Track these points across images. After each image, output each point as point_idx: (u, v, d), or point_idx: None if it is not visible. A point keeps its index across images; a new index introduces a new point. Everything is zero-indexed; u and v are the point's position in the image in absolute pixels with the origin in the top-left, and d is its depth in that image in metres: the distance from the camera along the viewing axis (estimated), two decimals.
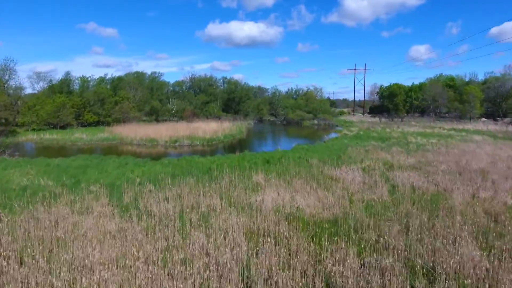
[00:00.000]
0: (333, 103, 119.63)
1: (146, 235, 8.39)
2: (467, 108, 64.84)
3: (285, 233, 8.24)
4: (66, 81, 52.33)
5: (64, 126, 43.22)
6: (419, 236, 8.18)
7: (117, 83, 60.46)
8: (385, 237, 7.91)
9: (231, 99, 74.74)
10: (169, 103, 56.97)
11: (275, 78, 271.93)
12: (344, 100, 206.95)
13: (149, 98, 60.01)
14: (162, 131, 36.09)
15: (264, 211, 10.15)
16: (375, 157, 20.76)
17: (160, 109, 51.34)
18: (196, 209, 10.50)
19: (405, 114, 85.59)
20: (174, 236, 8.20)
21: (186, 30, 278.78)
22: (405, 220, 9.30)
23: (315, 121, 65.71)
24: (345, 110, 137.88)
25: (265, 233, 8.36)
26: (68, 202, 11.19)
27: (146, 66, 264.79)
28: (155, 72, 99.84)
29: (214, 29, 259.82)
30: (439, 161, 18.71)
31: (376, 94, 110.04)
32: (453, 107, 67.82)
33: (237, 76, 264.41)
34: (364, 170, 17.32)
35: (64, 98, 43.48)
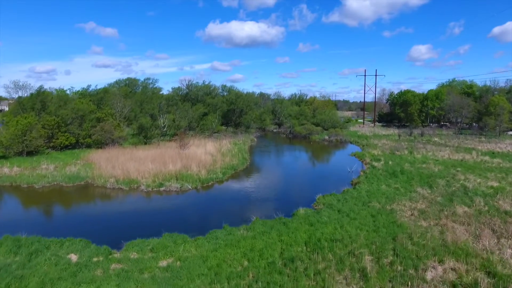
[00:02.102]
0: (335, 105, 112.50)
1: None
2: (497, 122, 57.81)
3: None
4: (39, 96, 44.71)
5: (32, 151, 36.12)
6: None
7: (102, 96, 53.28)
8: None
9: (231, 111, 67.57)
10: (161, 117, 49.81)
11: (275, 78, 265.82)
12: (346, 102, 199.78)
13: (138, 112, 52.87)
14: (147, 164, 29.06)
15: None
16: (450, 240, 13.82)
17: (149, 127, 44.11)
18: None
19: (421, 125, 78.44)
20: None
21: (186, 30, 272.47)
22: None
23: (325, 136, 58.57)
24: (349, 114, 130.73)
25: None
26: None
27: (146, 66, 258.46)
28: (148, 79, 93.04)
29: (214, 29, 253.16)
30: None
31: (386, 101, 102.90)
32: (483, 121, 60.75)
33: (237, 76, 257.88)
34: (455, 287, 10.48)
35: (32, 118, 36.11)
